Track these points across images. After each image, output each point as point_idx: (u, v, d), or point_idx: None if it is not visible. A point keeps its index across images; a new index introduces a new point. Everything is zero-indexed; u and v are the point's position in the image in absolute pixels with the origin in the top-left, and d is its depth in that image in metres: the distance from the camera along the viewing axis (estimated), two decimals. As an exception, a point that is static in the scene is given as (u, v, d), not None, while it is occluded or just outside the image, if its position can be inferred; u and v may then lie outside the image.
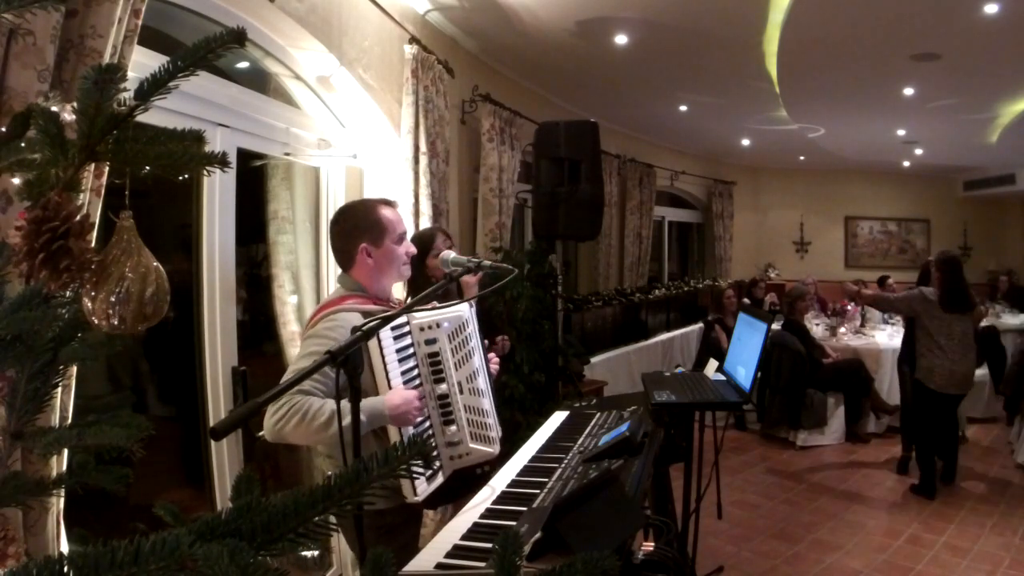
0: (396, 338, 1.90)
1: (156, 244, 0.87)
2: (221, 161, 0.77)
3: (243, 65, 2.88)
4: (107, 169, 1.38)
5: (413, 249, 2.16)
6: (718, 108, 6.59)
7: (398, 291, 2.72)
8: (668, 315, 8.27)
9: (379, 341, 1.81)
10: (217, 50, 0.74)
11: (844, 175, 10.26)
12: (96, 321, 0.83)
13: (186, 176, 0.78)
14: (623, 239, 7.47)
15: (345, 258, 2.06)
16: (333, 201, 3.31)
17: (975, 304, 4.69)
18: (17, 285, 0.87)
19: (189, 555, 0.52)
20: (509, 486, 1.78)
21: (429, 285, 2.54)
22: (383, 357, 1.83)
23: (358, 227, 2.04)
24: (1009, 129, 6.54)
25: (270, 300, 3.03)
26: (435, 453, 1.94)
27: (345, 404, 1.44)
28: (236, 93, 2.58)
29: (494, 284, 2.62)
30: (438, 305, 2.04)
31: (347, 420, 1.44)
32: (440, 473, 1.92)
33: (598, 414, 2.36)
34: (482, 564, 1.32)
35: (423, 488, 1.84)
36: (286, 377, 1.82)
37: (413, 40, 3.43)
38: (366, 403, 1.69)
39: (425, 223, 3.46)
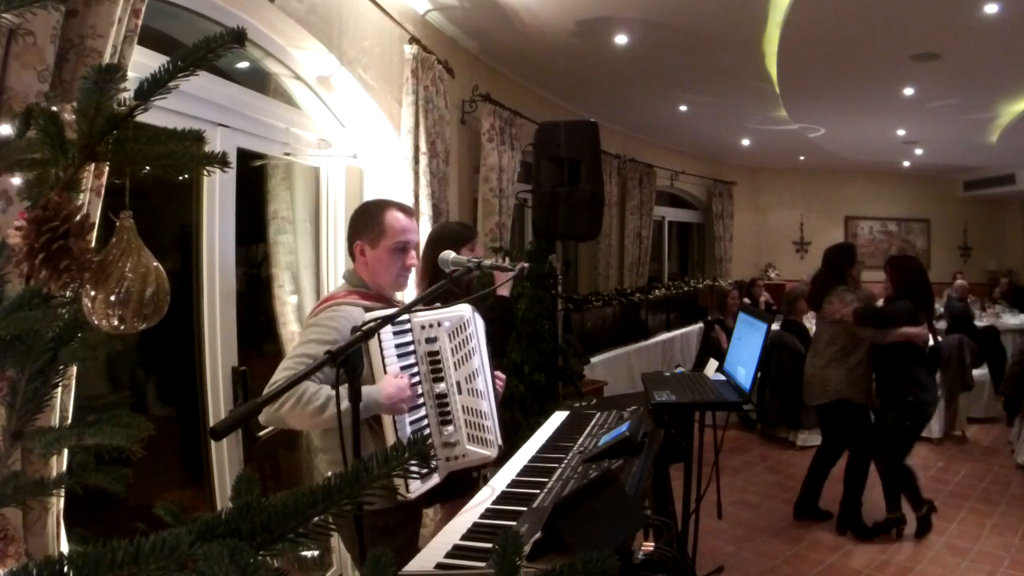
0: (396, 334, 1.90)
1: (156, 244, 0.87)
2: (221, 161, 0.77)
3: (243, 65, 2.88)
4: (107, 169, 1.38)
5: (414, 261, 2.12)
6: (718, 108, 6.58)
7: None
8: (668, 315, 8.26)
9: (379, 337, 1.82)
10: (217, 50, 0.74)
11: (844, 175, 10.26)
12: (96, 321, 0.83)
13: (186, 176, 0.78)
14: (623, 239, 7.47)
15: (350, 252, 2.10)
16: (333, 201, 3.31)
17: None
18: (17, 285, 0.87)
19: (189, 555, 0.52)
20: (509, 486, 1.77)
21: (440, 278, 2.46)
22: (382, 353, 1.84)
23: (359, 224, 2.06)
24: (1009, 129, 6.54)
25: (270, 300, 3.04)
26: (431, 453, 1.93)
27: (341, 395, 1.45)
28: (236, 93, 2.58)
29: (493, 285, 2.63)
30: (439, 305, 2.04)
31: (343, 408, 1.45)
32: (435, 473, 1.91)
33: (598, 414, 2.36)
34: (482, 564, 1.32)
35: (416, 486, 1.83)
36: (283, 364, 1.83)
37: (413, 40, 3.43)
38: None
39: (425, 223, 3.46)
